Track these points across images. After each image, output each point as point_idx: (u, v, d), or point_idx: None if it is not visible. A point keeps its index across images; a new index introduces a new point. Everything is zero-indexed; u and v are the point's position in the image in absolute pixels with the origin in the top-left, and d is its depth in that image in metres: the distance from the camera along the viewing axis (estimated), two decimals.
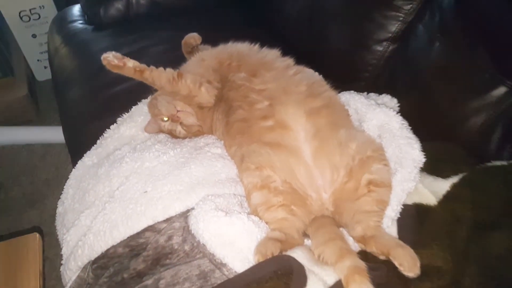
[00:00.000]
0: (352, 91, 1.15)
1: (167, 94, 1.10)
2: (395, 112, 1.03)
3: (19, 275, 0.85)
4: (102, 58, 1.05)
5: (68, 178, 1.10)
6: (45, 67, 2.40)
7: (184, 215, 0.92)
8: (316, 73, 1.16)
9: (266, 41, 1.19)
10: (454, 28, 1.09)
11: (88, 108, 1.37)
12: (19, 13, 2.22)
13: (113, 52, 1.05)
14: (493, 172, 0.86)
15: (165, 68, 1.08)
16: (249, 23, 1.63)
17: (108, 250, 0.92)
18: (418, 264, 0.78)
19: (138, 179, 0.96)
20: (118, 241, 0.91)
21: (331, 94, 1.06)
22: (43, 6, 2.25)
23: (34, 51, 2.37)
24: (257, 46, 1.18)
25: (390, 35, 1.28)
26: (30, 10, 2.24)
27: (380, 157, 0.93)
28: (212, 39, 1.35)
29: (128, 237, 0.91)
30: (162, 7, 1.69)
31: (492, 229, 0.79)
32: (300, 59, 1.15)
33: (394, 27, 1.27)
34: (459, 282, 0.80)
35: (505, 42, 0.98)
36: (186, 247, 0.90)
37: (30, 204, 1.84)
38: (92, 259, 0.93)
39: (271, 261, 0.78)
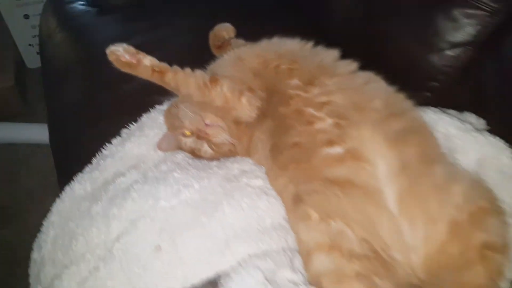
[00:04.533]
0: (437, 109, 0.88)
1: (194, 103, 0.82)
2: (505, 143, 0.76)
3: None
4: (108, 52, 0.78)
5: (50, 211, 0.81)
6: (38, 53, 2.10)
7: (213, 283, 0.64)
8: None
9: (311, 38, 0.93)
10: None
11: (85, 111, 1.08)
12: None
13: (124, 44, 0.78)
14: None
15: (193, 69, 0.80)
16: (290, 14, 1.33)
17: None
18: None
19: (149, 226, 0.68)
20: None
21: (415, 114, 0.79)
22: None
23: (26, 34, 2.07)
24: (310, 44, 0.91)
25: (471, 38, 1.00)
26: None
27: (497, 209, 0.67)
28: (245, 32, 1.07)
29: None
30: None
31: None
32: None
33: (477, 28, 0.99)
34: None
35: None
36: None
37: (6, 220, 1.54)
38: None
39: None
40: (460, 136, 0.78)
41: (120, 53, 0.76)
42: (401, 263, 0.66)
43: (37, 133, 1.78)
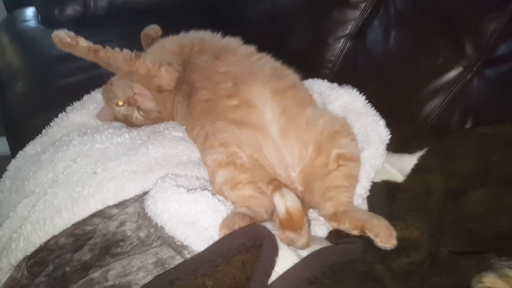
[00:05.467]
0: (315, 78, 1.15)
1: (123, 76, 1.04)
2: (358, 92, 1.03)
3: None
4: (52, 35, 0.98)
5: (6, 169, 0.97)
6: None
7: (140, 199, 0.83)
8: None
9: None
10: (409, 16, 1.14)
11: (34, 102, 1.26)
12: None
13: (65, 30, 0.99)
14: (458, 139, 0.86)
15: (121, 49, 1.02)
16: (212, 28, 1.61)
17: (48, 241, 0.80)
18: (395, 234, 0.75)
19: (87, 161, 0.86)
20: (61, 229, 0.79)
21: (295, 78, 1.05)
22: None
23: None
24: (219, 34, 1.16)
25: (347, 31, 1.32)
26: None
27: (348, 132, 0.92)
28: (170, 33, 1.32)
29: (72, 225, 0.80)
30: (122, 9, 1.64)
31: (465, 194, 0.78)
32: None
33: (351, 24, 1.31)
34: (435, 254, 0.77)
35: (460, 25, 1.02)
36: (141, 234, 0.81)
37: None
38: (28, 253, 0.80)
39: (239, 233, 0.71)
40: (328, 91, 1.04)
41: (62, 36, 0.97)
42: (283, 177, 0.89)
43: None
